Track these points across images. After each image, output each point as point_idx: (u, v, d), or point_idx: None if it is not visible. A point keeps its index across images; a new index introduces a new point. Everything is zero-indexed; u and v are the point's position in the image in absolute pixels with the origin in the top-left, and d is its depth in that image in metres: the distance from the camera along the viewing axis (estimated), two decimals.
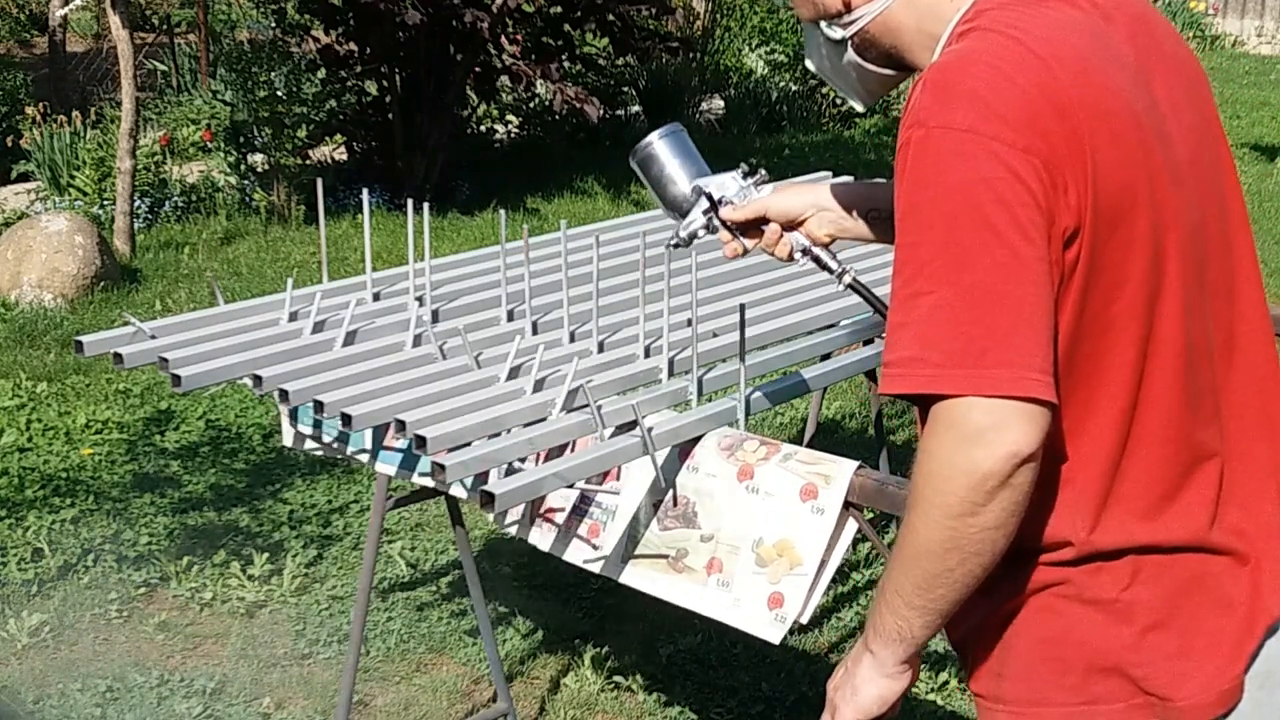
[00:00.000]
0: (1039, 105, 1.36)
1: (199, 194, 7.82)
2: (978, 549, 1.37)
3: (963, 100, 1.36)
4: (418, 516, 4.24)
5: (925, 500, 1.38)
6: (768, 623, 2.05)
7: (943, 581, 1.40)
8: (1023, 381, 1.33)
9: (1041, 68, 1.38)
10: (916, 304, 1.37)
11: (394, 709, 3.30)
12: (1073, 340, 1.40)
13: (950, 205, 1.35)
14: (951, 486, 1.35)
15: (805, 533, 2.02)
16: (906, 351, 1.37)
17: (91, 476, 4.43)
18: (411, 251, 2.60)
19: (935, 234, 1.35)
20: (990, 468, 1.33)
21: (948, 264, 1.35)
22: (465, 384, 2.27)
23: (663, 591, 2.17)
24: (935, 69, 1.41)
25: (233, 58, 7.91)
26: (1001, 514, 1.35)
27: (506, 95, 9.21)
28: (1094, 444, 1.44)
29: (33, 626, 3.57)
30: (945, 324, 1.35)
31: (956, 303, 1.34)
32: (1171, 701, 1.47)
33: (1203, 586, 1.48)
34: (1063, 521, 1.45)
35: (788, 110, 10.73)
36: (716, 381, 2.32)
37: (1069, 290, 1.39)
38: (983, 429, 1.33)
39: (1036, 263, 1.34)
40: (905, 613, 1.45)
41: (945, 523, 1.36)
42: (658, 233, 3.03)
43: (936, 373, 1.35)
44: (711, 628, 3.58)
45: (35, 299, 6.19)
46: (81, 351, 2.40)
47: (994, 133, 1.34)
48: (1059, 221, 1.36)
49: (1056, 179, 1.35)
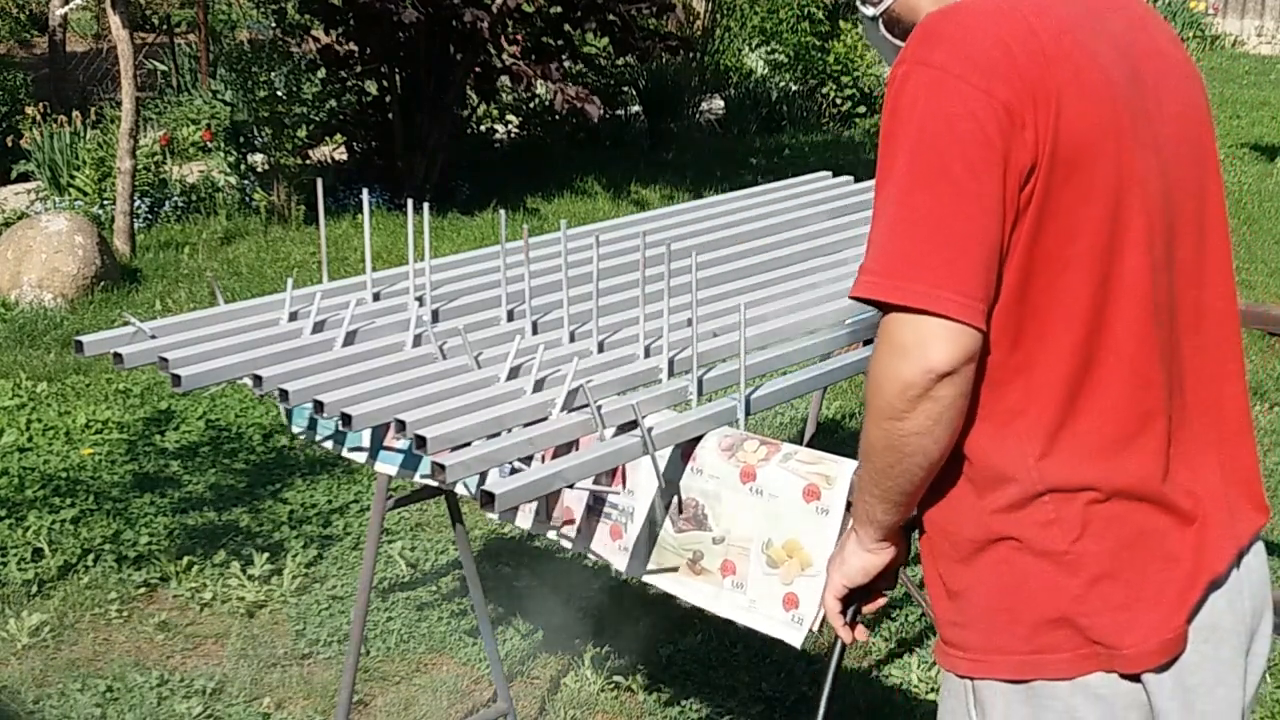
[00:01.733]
0: (1011, 52, 1.49)
1: (199, 194, 7.82)
2: (910, 450, 1.53)
3: (941, 42, 1.51)
4: (418, 516, 4.24)
5: (867, 403, 1.55)
6: (785, 624, 2.05)
7: (889, 475, 1.57)
8: (942, 300, 1.46)
9: (1022, 22, 1.51)
10: (879, 222, 1.52)
11: (394, 709, 3.30)
12: (1024, 274, 1.51)
13: (914, 136, 1.49)
14: (882, 392, 1.51)
15: (812, 533, 2.02)
16: (865, 262, 1.53)
17: (91, 476, 4.43)
18: (411, 251, 2.60)
19: (900, 161, 1.50)
20: (909, 378, 1.48)
21: (904, 188, 1.49)
22: (465, 384, 2.27)
23: (684, 593, 2.19)
24: (928, 16, 1.56)
25: (233, 58, 7.91)
26: (926, 421, 1.50)
27: (506, 95, 9.21)
28: (1046, 376, 1.54)
29: (33, 626, 3.57)
30: (892, 240, 1.50)
31: (902, 223, 1.49)
32: (1117, 650, 1.55)
33: (1149, 541, 1.56)
34: (1012, 450, 1.55)
35: (788, 110, 10.73)
36: (716, 381, 2.32)
37: (1022, 224, 1.50)
38: (906, 343, 1.48)
39: (980, 198, 1.47)
40: (868, 499, 1.64)
41: (880, 423, 1.53)
42: (658, 233, 3.04)
43: (875, 281, 1.50)
44: (711, 628, 3.58)
45: (35, 299, 6.19)
46: (81, 351, 2.40)
47: (961, 73, 1.48)
48: (1015, 158, 1.48)
49: (1015, 119, 1.47)
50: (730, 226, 3.11)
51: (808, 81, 10.93)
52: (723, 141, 10.22)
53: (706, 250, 2.89)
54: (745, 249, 2.96)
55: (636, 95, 10.19)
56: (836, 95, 10.88)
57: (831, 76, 10.86)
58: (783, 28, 11.03)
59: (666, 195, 8.53)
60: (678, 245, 2.81)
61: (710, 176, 8.92)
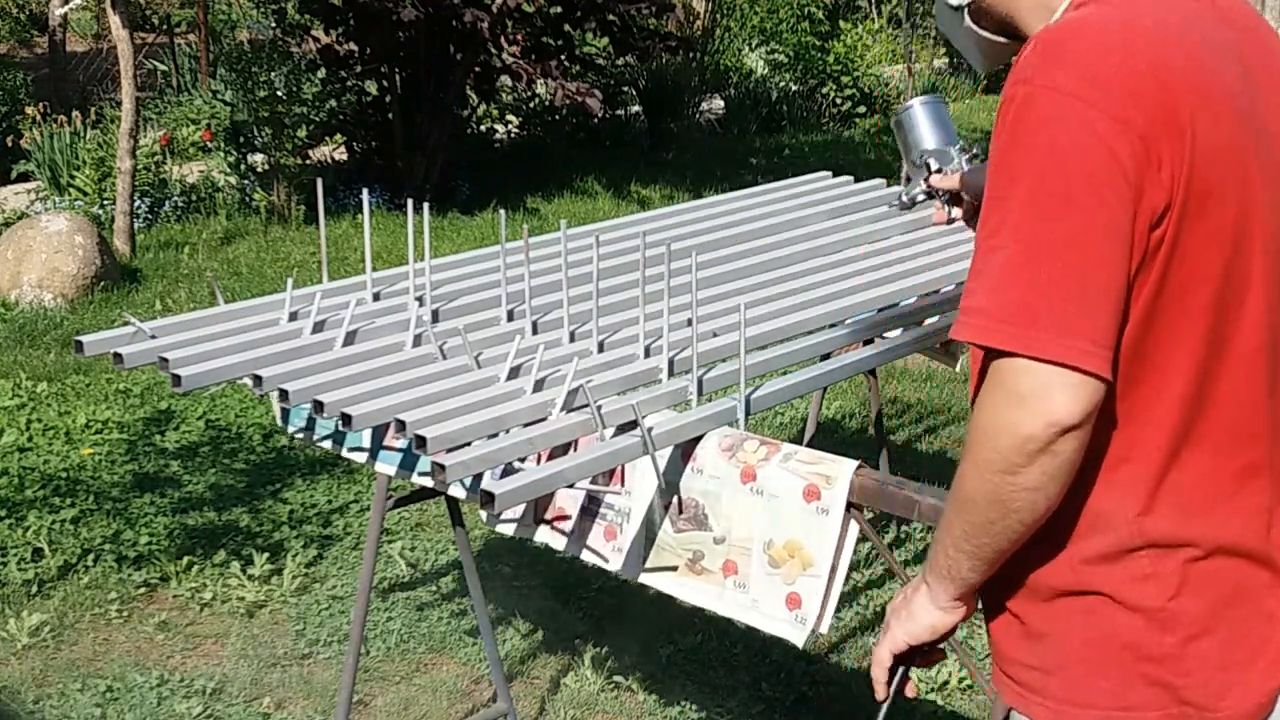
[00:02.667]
0: (1144, 77, 1.36)
1: (199, 194, 7.83)
2: (1018, 506, 1.40)
3: (1068, 62, 1.38)
4: (418, 516, 4.24)
5: (972, 452, 1.42)
6: (788, 623, 2.06)
7: (987, 531, 1.44)
8: (1072, 350, 1.34)
9: (1153, 42, 1.39)
10: (992, 257, 1.39)
11: (394, 709, 3.30)
12: (1146, 321, 1.40)
13: (1037, 166, 1.36)
14: (994, 444, 1.38)
15: (813, 533, 2.02)
16: (973, 301, 1.40)
17: (91, 476, 4.43)
18: (411, 251, 2.60)
19: (1019, 191, 1.37)
20: (1030, 431, 1.35)
21: (1025, 223, 1.36)
22: (465, 384, 2.27)
23: (683, 593, 2.18)
24: (1049, 29, 1.43)
25: (233, 58, 7.92)
26: (1042, 477, 1.37)
27: (506, 95, 9.21)
28: (1153, 426, 1.44)
29: (33, 626, 3.57)
30: (1011, 281, 1.37)
31: (1025, 262, 1.36)
32: (1210, 712, 1.47)
33: (1247, 598, 1.48)
34: (1112, 501, 1.45)
35: (788, 110, 10.74)
36: (716, 381, 2.32)
37: (1149, 271, 1.39)
38: (1027, 392, 1.35)
39: (1111, 236, 1.35)
40: (953, 554, 1.49)
41: (987, 476, 1.40)
42: (658, 233, 3.04)
43: (991, 325, 1.37)
44: (711, 628, 3.58)
45: (35, 299, 6.19)
46: (81, 351, 2.40)
47: (1093, 99, 1.35)
48: (1148, 198, 1.36)
49: (1151, 153, 1.35)
50: (730, 226, 3.11)
51: (808, 81, 10.94)
52: (723, 141, 10.22)
53: (706, 250, 2.88)
54: (745, 249, 2.96)
55: (636, 95, 10.19)
56: (836, 95, 10.88)
57: (831, 76, 10.86)
58: (783, 28, 11.04)
59: (666, 195, 8.54)
60: (678, 245, 2.81)
61: (710, 176, 8.92)
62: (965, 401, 5.25)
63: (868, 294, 2.74)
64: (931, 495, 2.00)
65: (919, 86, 11.42)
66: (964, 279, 1.46)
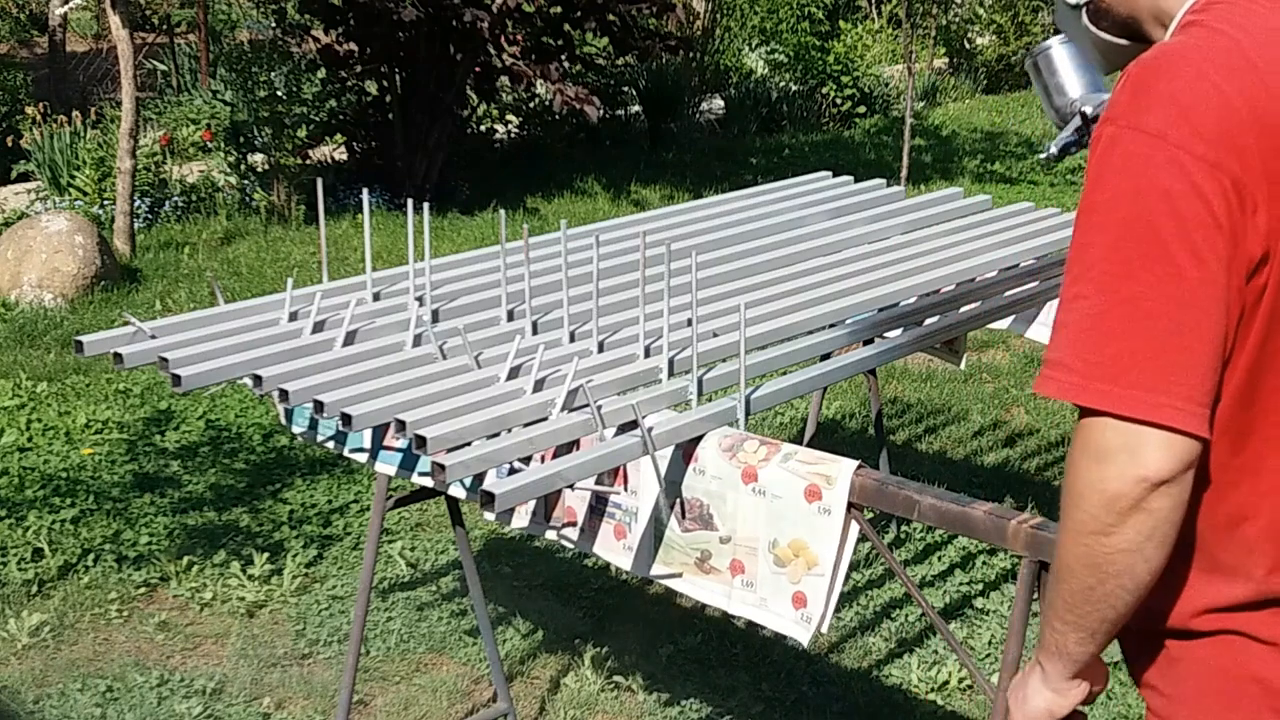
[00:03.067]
0: (1240, 116, 1.29)
1: (199, 194, 7.83)
2: (1116, 570, 1.34)
3: (1158, 102, 1.30)
4: (418, 516, 4.24)
5: (1064, 515, 1.36)
6: (794, 622, 2.07)
7: (1087, 599, 1.37)
8: (1162, 408, 1.28)
9: (1253, 76, 1.31)
10: (1075, 306, 1.33)
11: (394, 709, 3.30)
12: (1254, 373, 1.35)
13: (1124, 212, 1.30)
14: (1084, 504, 1.33)
15: (816, 533, 2.03)
16: (1056, 354, 1.35)
17: (91, 476, 4.43)
18: (411, 251, 2.60)
19: (1104, 238, 1.31)
20: (1119, 489, 1.30)
21: (1110, 272, 1.30)
22: (465, 384, 2.27)
23: (694, 592, 2.19)
24: (1139, 64, 1.35)
25: (233, 58, 7.92)
26: (1136, 537, 1.31)
27: (506, 95, 9.21)
28: (1275, 477, 1.39)
29: (33, 626, 3.57)
30: (1095, 334, 1.31)
31: (1110, 314, 1.30)
32: None
33: None
34: (1238, 557, 1.40)
35: (788, 110, 10.74)
36: (716, 381, 2.32)
37: (1253, 321, 1.33)
38: (1113, 449, 1.30)
39: (1204, 286, 1.28)
40: (1059, 627, 1.42)
41: (1080, 539, 1.34)
42: (658, 233, 3.04)
43: (1076, 381, 1.32)
44: (711, 628, 3.58)
45: (35, 299, 6.19)
46: (81, 351, 2.40)
47: (1183, 142, 1.28)
48: (1244, 246, 1.29)
49: (1246, 199, 1.28)
50: (730, 226, 3.12)
51: (808, 81, 10.94)
52: (723, 141, 10.22)
53: (706, 250, 2.89)
54: (745, 249, 2.96)
55: (636, 95, 10.19)
56: (836, 95, 10.89)
57: (831, 76, 10.87)
58: (783, 28, 11.04)
59: (666, 195, 8.54)
60: (678, 245, 2.81)
61: (710, 176, 8.92)
62: (965, 401, 5.26)
63: (868, 294, 2.74)
64: (932, 495, 2.00)
65: (919, 86, 11.41)
66: (964, 279, 1.44)
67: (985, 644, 3.56)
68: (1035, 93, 2.20)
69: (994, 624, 3.64)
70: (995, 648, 3.53)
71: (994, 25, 12.60)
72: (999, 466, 4.69)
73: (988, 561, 3.97)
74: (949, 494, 2.02)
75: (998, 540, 1.94)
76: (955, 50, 12.69)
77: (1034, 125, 10.94)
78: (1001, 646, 3.48)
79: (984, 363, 5.69)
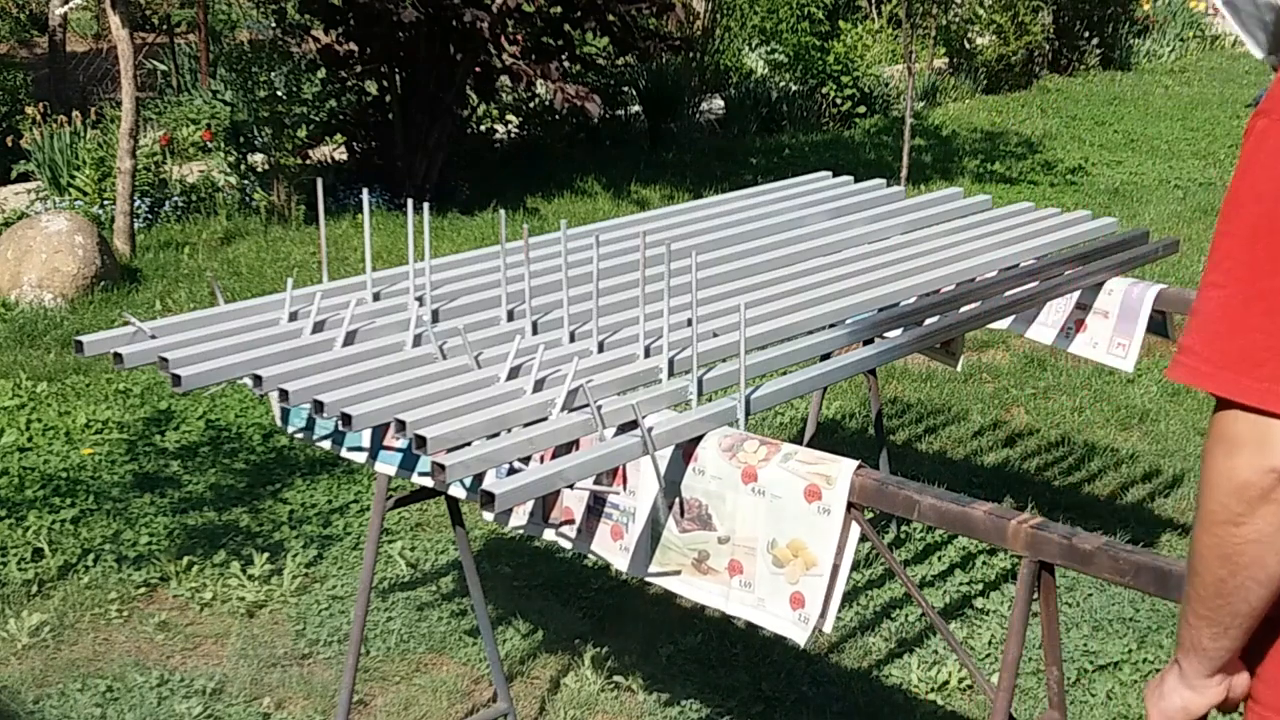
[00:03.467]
0: None
1: (199, 194, 7.83)
2: (1247, 561, 1.34)
3: None
4: (418, 516, 4.24)
5: (1199, 506, 1.37)
6: (792, 623, 2.06)
7: (1219, 592, 1.37)
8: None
9: None
10: (1209, 295, 1.34)
11: (394, 709, 3.30)
12: None
13: (1266, 204, 1.30)
14: (1215, 493, 1.34)
15: (815, 533, 2.03)
16: (1188, 339, 1.36)
17: (91, 476, 4.43)
18: (411, 251, 2.61)
19: (1243, 228, 1.32)
20: (1247, 478, 1.31)
21: (1247, 263, 1.31)
22: (465, 384, 2.27)
23: (691, 593, 2.19)
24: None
25: (233, 58, 7.91)
26: (1267, 528, 1.31)
27: (506, 95, 9.21)
28: None
29: (33, 626, 3.57)
30: (1225, 323, 1.32)
31: (1245, 305, 1.31)
32: None
33: None
34: None
35: (788, 110, 10.73)
36: (716, 381, 2.32)
37: None
38: (1243, 439, 1.31)
39: None
40: (1194, 622, 1.42)
41: (1213, 530, 1.35)
42: (658, 233, 3.04)
43: (1205, 370, 1.33)
44: (711, 628, 3.58)
45: (35, 299, 6.19)
46: (81, 351, 2.40)
47: None
48: None
49: None
50: (730, 226, 3.12)
51: (808, 81, 10.93)
52: (723, 141, 10.22)
53: (706, 250, 2.89)
54: (745, 249, 2.96)
55: (636, 95, 10.19)
56: (836, 95, 10.88)
57: (831, 76, 10.86)
58: (783, 28, 11.03)
59: (666, 195, 8.53)
60: (678, 245, 2.81)
61: (710, 176, 8.92)
62: (965, 401, 5.26)
63: (868, 294, 2.74)
64: (932, 495, 2.00)
65: (919, 86, 11.41)
66: (964, 279, 1.44)
67: (985, 644, 3.56)
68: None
69: (994, 624, 3.64)
70: (995, 648, 3.53)
71: (994, 25, 12.59)
72: (999, 466, 4.69)
73: (988, 561, 3.97)
74: (949, 494, 2.02)
75: (998, 540, 1.95)
76: (955, 50, 12.69)
77: (1034, 125, 10.94)
78: (1001, 646, 3.49)
79: (984, 363, 5.69)
